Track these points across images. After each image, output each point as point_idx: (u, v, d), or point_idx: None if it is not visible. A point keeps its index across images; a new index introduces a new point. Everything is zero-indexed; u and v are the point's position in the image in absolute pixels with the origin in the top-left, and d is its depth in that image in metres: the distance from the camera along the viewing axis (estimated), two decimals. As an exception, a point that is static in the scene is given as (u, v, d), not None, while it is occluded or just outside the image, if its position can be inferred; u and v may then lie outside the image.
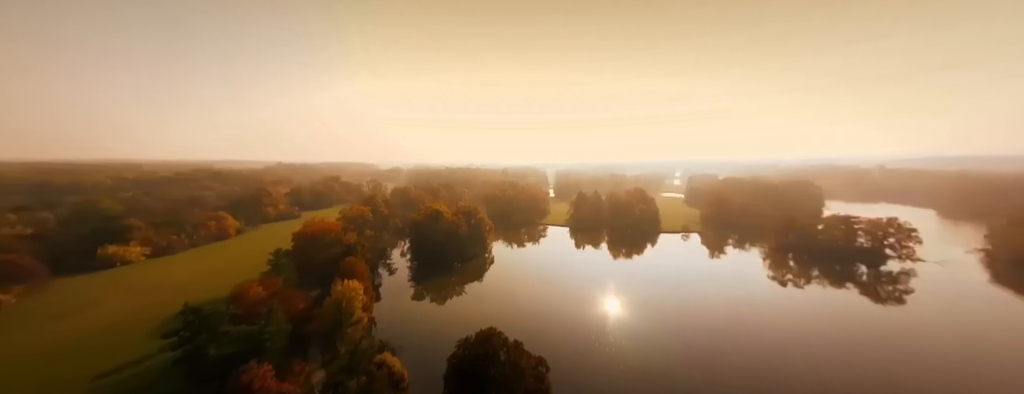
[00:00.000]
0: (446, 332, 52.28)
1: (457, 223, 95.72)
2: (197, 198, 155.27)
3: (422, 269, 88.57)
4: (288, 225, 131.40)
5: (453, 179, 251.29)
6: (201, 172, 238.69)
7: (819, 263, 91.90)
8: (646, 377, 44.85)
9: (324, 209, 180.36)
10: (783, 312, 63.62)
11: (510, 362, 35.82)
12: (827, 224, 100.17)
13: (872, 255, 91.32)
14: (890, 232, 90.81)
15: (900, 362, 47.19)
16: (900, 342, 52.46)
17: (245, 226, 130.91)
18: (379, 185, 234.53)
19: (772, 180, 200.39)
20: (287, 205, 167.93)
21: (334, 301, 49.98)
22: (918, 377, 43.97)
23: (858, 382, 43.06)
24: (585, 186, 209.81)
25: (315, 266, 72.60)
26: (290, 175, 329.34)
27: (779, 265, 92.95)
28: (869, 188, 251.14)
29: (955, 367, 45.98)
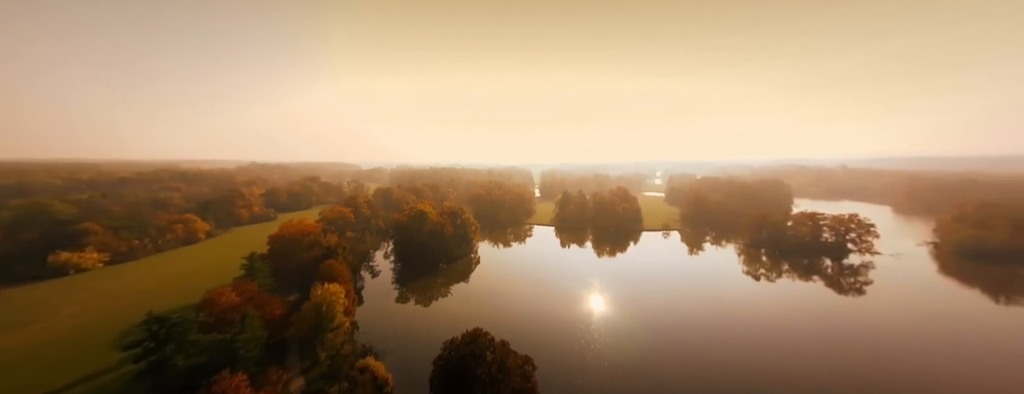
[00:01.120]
0: (432, 334, 51.61)
1: (442, 223, 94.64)
2: (162, 200, 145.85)
3: (406, 271, 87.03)
4: (263, 227, 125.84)
5: (438, 179, 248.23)
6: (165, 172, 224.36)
7: (789, 258, 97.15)
8: (630, 372, 45.93)
9: (302, 211, 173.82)
10: (757, 305, 66.73)
11: (497, 362, 35.78)
12: (796, 221, 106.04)
13: (836, 249, 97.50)
14: (851, 227, 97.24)
15: (861, 350, 50.57)
16: (861, 331, 56.18)
17: (216, 229, 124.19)
18: (361, 185, 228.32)
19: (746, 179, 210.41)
20: (262, 207, 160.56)
21: (313, 305, 48.24)
22: (877, 364, 47.29)
23: (826, 370, 45.77)
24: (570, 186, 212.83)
25: (293, 270, 69.84)
26: (265, 175, 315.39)
27: (753, 260, 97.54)
28: (833, 186, 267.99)
29: (910, 353, 49.72)
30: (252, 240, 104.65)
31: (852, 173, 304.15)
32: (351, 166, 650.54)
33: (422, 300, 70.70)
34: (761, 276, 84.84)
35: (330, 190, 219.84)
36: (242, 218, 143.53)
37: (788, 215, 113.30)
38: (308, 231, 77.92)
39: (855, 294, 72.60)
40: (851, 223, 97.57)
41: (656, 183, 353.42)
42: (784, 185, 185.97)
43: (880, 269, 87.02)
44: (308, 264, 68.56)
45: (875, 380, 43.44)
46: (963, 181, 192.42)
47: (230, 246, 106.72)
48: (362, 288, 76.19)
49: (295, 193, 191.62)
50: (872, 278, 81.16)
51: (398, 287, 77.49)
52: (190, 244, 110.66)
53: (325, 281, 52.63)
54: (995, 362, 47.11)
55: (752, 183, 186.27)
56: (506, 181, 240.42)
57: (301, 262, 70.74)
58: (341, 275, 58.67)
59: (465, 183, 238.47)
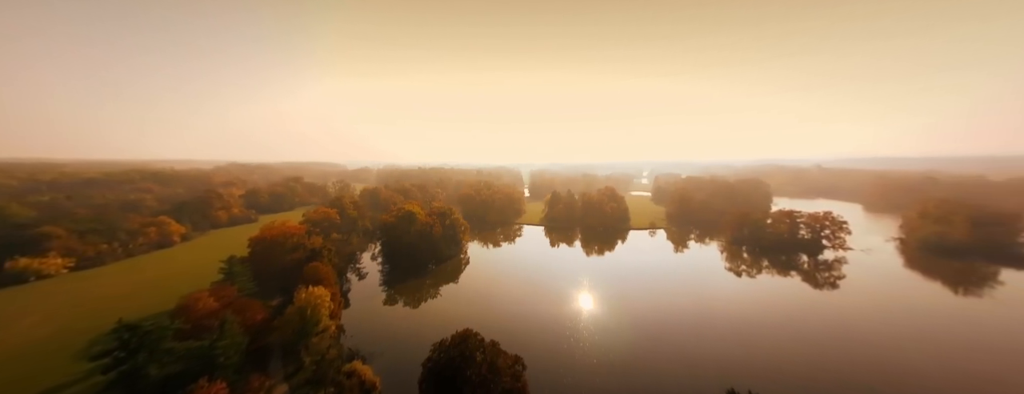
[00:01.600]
0: (421, 336, 51.00)
1: (431, 224, 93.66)
2: (132, 202, 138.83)
3: (394, 272, 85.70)
4: (243, 230, 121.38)
5: (426, 179, 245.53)
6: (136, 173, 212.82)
7: (768, 254, 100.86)
8: (618, 369, 46.65)
9: (285, 212, 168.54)
10: (739, 301, 68.96)
11: (487, 362, 35.69)
12: (775, 219, 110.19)
13: (811, 245, 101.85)
14: (826, 225, 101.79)
15: (836, 342, 52.97)
16: (835, 324, 58.85)
17: (192, 232, 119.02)
18: (346, 186, 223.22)
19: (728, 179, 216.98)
20: (241, 208, 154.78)
21: (297, 309, 46.87)
22: (851, 355, 49.62)
23: (804, 362, 47.74)
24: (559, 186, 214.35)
25: (275, 273, 67.67)
26: (245, 176, 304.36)
27: (735, 257, 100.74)
28: (808, 185, 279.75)
29: (880, 344, 52.37)
30: (231, 243, 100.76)
31: (826, 173, 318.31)
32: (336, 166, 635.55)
33: (411, 302, 69.76)
34: (742, 272, 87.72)
35: (314, 191, 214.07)
36: (220, 220, 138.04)
37: (767, 213, 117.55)
38: (291, 233, 75.65)
39: (829, 288, 76.03)
40: (825, 220, 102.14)
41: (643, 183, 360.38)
42: (764, 184, 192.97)
43: (852, 264, 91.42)
44: (291, 267, 66.57)
45: (849, 371, 45.59)
46: (925, 180, 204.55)
47: (208, 249, 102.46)
48: (348, 291, 74.55)
49: (277, 194, 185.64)
50: (845, 273, 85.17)
51: (386, 289, 76.21)
52: (164, 248, 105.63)
53: (309, 284, 51.24)
54: (955, 352, 50.22)
55: (734, 183, 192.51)
56: (495, 181, 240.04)
57: (284, 265, 68.62)
58: (326, 278, 57.25)
59: (454, 183, 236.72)
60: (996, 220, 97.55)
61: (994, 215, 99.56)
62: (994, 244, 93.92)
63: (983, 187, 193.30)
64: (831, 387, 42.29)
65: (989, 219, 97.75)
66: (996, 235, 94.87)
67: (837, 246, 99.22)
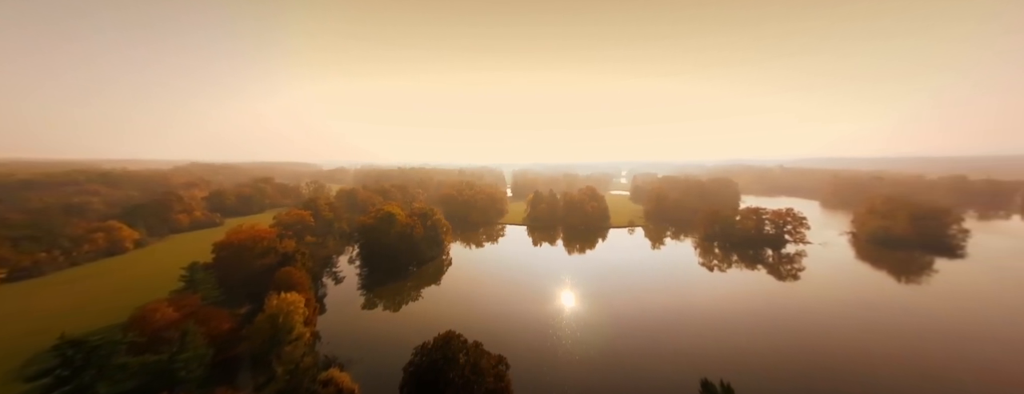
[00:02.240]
0: (402, 340, 49.85)
1: (412, 225, 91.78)
2: (77, 205, 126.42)
3: (374, 275, 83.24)
4: (207, 234, 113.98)
5: (407, 180, 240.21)
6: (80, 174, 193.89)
7: (738, 249, 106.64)
8: (599, 364, 47.70)
9: (254, 215, 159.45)
10: (712, 294, 72.40)
11: (470, 364, 35.43)
12: (743, 216, 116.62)
13: (775, 240, 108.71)
14: (788, 220, 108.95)
15: (798, 329, 56.80)
16: (797, 312, 63.12)
17: (147, 237, 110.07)
18: (321, 187, 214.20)
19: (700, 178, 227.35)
20: (205, 211, 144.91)
21: (268, 317, 44.44)
22: (811, 341, 53.37)
23: (770, 350, 50.81)
24: (541, 185, 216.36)
25: (243, 279, 63.88)
26: (208, 176, 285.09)
27: (707, 253, 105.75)
28: (772, 184, 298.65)
29: (836, 329, 56.69)
30: (193, 249, 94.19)
31: (787, 172, 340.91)
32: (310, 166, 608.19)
33: (391, 305, 68.03)
34: (714, 267, 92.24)
35: (286, 192, 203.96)
36: (180, 224, 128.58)
37: (736, 211, 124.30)
38: (261, 237, 71.70)
39: (792, 280, 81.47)
40: (787, 217, 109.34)
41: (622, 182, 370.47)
42: (733, 183, 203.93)
43: (811, 256, 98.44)
44: (262, 272, 63.06)
45: (809, 357, 48.99)
46: (873, 179, 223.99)
47: (166, 256, 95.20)
48: (324, 296, 71.64)
49: (245, 196, 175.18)
50: (805, 265, 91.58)
51: (365, 293, 73.89)
52: (114, 255, 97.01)
53: (282, 290, 48.75)
54: (899, 337, 55.23)
55: (706, 182, 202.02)
56: (478, 181, 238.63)
57: (253, 271, 64.89)
58: (300, 283, 54.69)
59: (435, 183, 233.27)
60: (931, 215, 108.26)
61: (929, 210, 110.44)
62: (929, 236, 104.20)
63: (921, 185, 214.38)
64: (795, 373, 45.27)
65: (925, 214, 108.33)
66: (931, 228, 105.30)
67: (798, 240, 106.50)
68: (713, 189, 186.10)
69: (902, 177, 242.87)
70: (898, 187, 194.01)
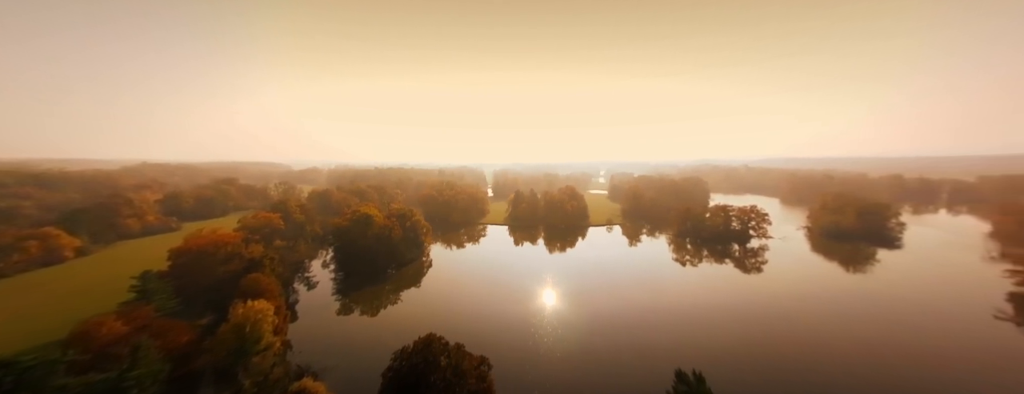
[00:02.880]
0: (381, 345, 48.44)
1: (390, 227, 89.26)
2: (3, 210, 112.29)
3: (350, 279, 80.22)
4: (161, 240, 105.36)
5: (384, 180, 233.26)
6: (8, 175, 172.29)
7: (708, 245, 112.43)
8: (579, 360, 48.68)
9: (216, 218, 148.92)
10: (685, 287, 75.93)
11: (452, 366, 35.00)
12: (712, 213, 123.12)
13: (741, 235, 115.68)
14: (752, 217, 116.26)
15: (762, 317, 60.78)
16: (762, 302, 67.47)
17: (91, 245, 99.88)
18: (292, 188, 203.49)
19: (674, 177, 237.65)
20: (159, 215, 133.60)
21: (233, 327, 41.69)
22: (774, 328, 57.29)
23: (738, 338, 54.01)
24: (522, 185, 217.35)
25: (204, 288, 59.52)
26: (163, 177, 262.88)
27: (680, 249, 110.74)
28: (737, 183, 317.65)
29: (797, 317, 61.11)
30: (146, 256, 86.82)
31: (752, 171, 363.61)
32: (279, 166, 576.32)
33: (368, 310, 65.86)
34: (687, 262, 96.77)
35: (252, 194, 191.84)
36: (130, 230, 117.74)
37: (706, 208, 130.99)
38: (224, 242, 67.13)
39: (756, 272, 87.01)
40: (752, 213, 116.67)
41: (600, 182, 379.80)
42: (703, 182, 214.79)
43: (772, 250, 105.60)
44: (225, 280, 59.05)
45: (773, 342, 52.57)
46: (824, 178, 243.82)
47: (114, 265, 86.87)
48: (296, 303, 68.18)
49: (205, 198, 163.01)
50: (767, 258, 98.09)
51: (340, 298, 71.03)
52: (51, 265, 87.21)
53: (248, 298, 45.89)
54: (850, 321, 60.48)
55: (679, 181, 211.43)
56: (458, 181, 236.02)
57: (215, 278, 60.62)
58: (269, 290, 51.75)
59: (415, 184, 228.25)
60: (873, 210, 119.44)
61: (872, 206, 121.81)
62: (872, 229, 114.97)
63: (864, 183, 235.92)
64: (761, 359, 48.38)
65: (869, 209, 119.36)
66: (874, 222, 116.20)
67: (761, 235, 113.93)
68: (685, 188, 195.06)
69: (849, 176, 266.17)
70: (846, 185, 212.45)
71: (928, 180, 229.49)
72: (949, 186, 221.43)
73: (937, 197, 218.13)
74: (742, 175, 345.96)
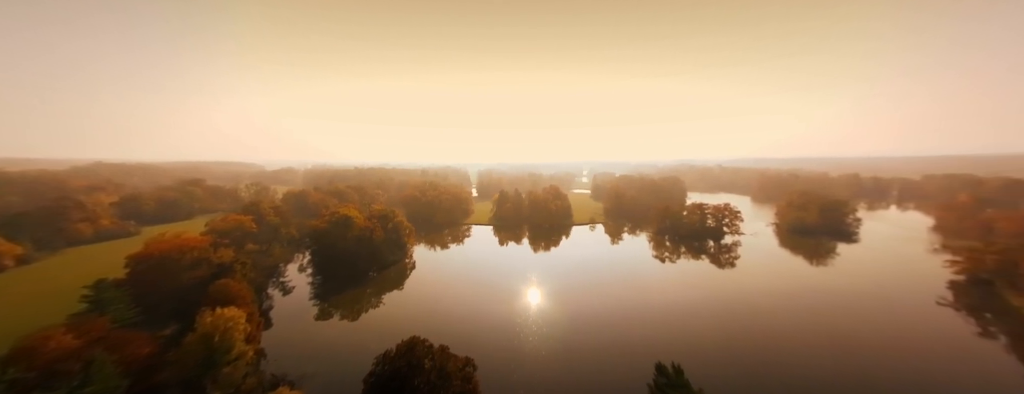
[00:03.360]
0: (363, 350, 47.04)
1: (371, 228, 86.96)
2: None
3: (329, 283, 77.53)
4: (119, 246, 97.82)
5: (364, 180, 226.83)
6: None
7: (685, 241, 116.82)
8: (564, 358, 49.34)
9: (181, 222, 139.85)
10: (665, 284, 78.49)
11: (436, 368, 34.57)
12: (689, 211, 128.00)
13: (716, 232, 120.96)
14: (726, 214, 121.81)
15: (736, 309, 63.82)
16: (736, 296, 70.80)
17: (35, 252, 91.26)
18: (265, 189, 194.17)
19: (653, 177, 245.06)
20: (114, 219, 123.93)
21: (200, 337, 39.30)
22: (749, 321, 60.28)
23: (714, 331, 56.43)
24: (506, 185, 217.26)
25: (167, 296, 55.84)
26: (120, 178, 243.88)
27: (660, 246, 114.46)
28: (713, 182, 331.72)
29: (768, 309, 64.53)
30: (100, 263, 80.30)
31: (725, 171, 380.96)
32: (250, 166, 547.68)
33: (349, 314, 63.93)
34: (666, 258, 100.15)
35: (221, 195, 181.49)
36: (81, 235, 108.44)
37: (684, 206, 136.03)
38: (190, 246, 63.19)
39: (730, 267, 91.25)
40: (725, 211, 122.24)
41: (583, 181, 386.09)
42: (680, 182, 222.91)
43: (745, 246, 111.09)
44: (192, 287, 55.64)
45: (747, 332, 55.34)
46: (790, 177, 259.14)
47: (63, 273, 79.85)
48: (270, 309, 65.23)
49: (168, 200, 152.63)
50: (740, 253, 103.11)
51: (318, 303, 68.52)
52: (-14, 276, 78.94)
53: (218, 305, 43.39)
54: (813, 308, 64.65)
55: (658, 180, 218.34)
56: (442, 181, 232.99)
57: (181, 285, 57.00)
58: (240, 296, 49.18)
59: (397, 184, 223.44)
60: (834, 207, 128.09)
61: (833, 203, 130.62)
62: (833, 225, 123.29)
63: (826, 181, 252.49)
64: (737, 349, 50.77)
65: (830, 206, 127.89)
66: (834, 218, 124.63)
67: (734, 232, 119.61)
68: (664, 187, 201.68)
69: (813, 175, 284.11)
70: (809, 184, 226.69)
71: (880, 179, 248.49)
72: (898, 184, 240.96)
73: (888, 194, 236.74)
74: (716, 175, 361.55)
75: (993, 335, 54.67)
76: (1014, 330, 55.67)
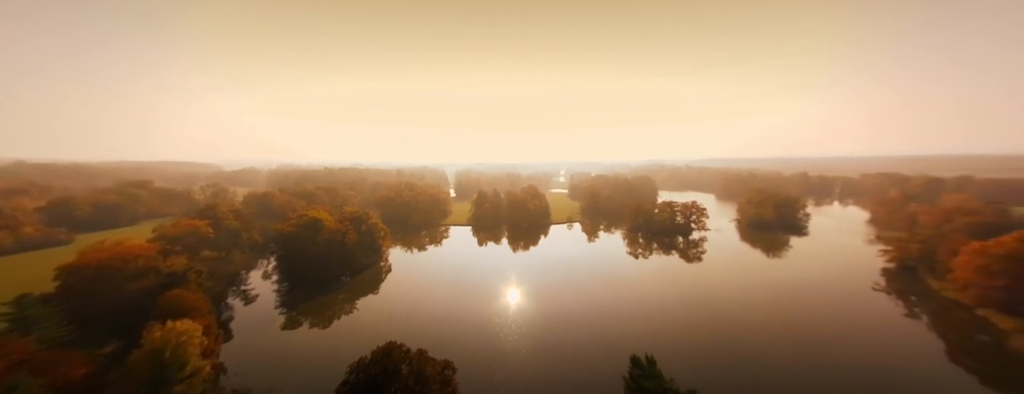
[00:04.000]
0: (335, 359, 44.95)
1: (343, 231, 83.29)
2: None
3: (297, 290, 73.36)
4: (46, 256, 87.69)
5: (335, 181, 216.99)
6: None
7: (657, 238, 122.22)
8: (544, 355, 49.89)
9: (123, 227, 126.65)
10: (638, 278, 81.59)
11: (414, 373, 33.77)
12: (660, 208, 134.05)
13: (685, 228, 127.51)
14: (693, 212, 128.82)
15: (702, 300, 67.74)
16: (703, 288, 75.08)
17: (-64, 266, 78.83)
18: (223, 190, 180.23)
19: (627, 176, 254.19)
20: (40, 226, 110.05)
21: (149, 353, 35.81)
22: (715, 310, 64.06)
23: (685, 321, 59.48)
24: (485, 185, 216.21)
25: (107, 311, 50.34)
26: (48, 180, 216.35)
27: (633, 242, 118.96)
28: (681, 181, 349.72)
29: (733, 299, 68.86)
30: (22, 277, 71.45)
31: (693, 170, 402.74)
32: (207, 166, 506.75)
33: (320, 322, 60.85)
34: (639, 255, 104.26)
35: (171, 198, 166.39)
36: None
37: (655, 204, 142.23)
38: (134, 254, 57.40)
39: (697, 262, 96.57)
40: (693, 209, 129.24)
41: (561, 181, 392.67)
42: (651, 181, 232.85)
43: (710, 240, 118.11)
44: (137, 299, 50.51)
45: (714, 321, 58.76)
46: (750, 175, 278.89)
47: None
48: (231, 320, 60.69)
49: (108, 204, 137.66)
50: (706, 248, 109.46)
51: (285, 311, 64.67)
52: None
53: (169, 318, 39.75)
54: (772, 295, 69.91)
55: (631, 180, 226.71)
56: (419, 181, 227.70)
57: (124, 298, 51.54)
58: (195, 307, 45.38)
59: (371, 185, 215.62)
60: (787, 203, 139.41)
61: (786, 200, 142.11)
62: (786, 220, 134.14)
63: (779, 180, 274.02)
64: (707, 337, 53.70)
65: (784, 203, 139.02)
66: (787, 214, 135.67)
67: (700, 228, 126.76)
68: (637, 186, 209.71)
69: (768, 174, 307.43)
70: (766, 182, 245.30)
71: (826, 177, 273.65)
72: (840, 182, 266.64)
73: (832, 192, 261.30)
74: (685, 174, 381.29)
75: (917, 315, 61.95)
76: (933, 310, 63.46)
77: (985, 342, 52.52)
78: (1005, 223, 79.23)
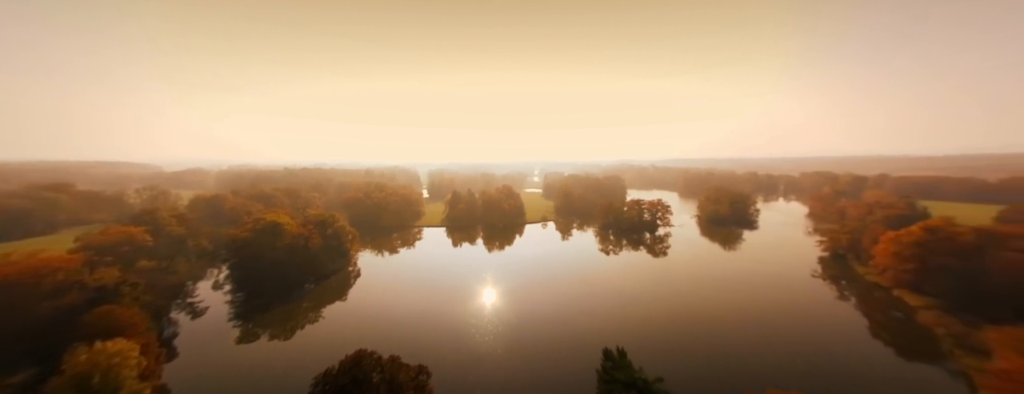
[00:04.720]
0: (299, 371, 42.26)
1: (306, 236, 78.39)
2: None
3: (253, 301, 67.91)
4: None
5: (297, 182, 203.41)
6: None
7: (626, 235, 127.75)
8: (519, 354, 50.29)
9: (37, 237, 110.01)
10: (610, 274, 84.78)
11: (386, 381, 32.62)
12: (629, 207, 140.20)
13: (651, 225, 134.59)
14: (659, 209, 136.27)
15: (668, 291, 71.84)
16: (669, 280, 79.63)
17: None
18: (164, 193, 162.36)
19: (598, 176, 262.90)
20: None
21: (73, 379, 31.44)
22: (681, 301, 68.09)
23: (657, 311, 62.61)
24: (459, 185, 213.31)
25: (17, 333, 43.50)
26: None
27: (604, 240, 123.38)
28: (648, 180, 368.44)
29: (694, 291, 73.62)
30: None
31: (658, 170, 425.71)
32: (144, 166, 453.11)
33: (280, 333, 56.80)
34: (610, 251, 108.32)
35: (98, 203, 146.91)
36: None
37: (624, 203, 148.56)
38: (51, 268, 50.13)
39: (663, 256, 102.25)
40: (659, 206, 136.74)
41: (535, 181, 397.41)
42: (621, 180, 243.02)
43: (674, 236, 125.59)
44: (56, 318, 44.11)
45: (678, 314, 62.38)
46: (708, 174, 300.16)
47: None
48: (175, 336, 54.91)
49: (15, 210, 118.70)
50: (671, 243, 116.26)
51: (240, 323, 59.64)
52: None
53: (99, 338, 35.16)
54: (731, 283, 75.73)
55: (602, 179, 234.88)
56: (389, 182, 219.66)
57: (39, 318, 44.80)
58: (131, 325, 40.62)
59: (337, 186, 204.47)
60: (740, 200, 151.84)
61: (739, 196, 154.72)
62: (740, 215, 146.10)
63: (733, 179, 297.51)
64: (675, 328, 56.90)
65: (737, 199, 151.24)
66: (741, 209, 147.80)
67: (665, 224, 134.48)
68: (607, 185, 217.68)
69: (724, 173, 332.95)
70: (722, 180, 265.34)
71: (772, 176, 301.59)
72: (784, 181, 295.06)
73: (777, 189, 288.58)
74: (651, 174, 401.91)
75: (846, 298, 70.20)
76: (859, 292, 72.30)
77: (899, 318, 60.71)
78: (914, 215, 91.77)
